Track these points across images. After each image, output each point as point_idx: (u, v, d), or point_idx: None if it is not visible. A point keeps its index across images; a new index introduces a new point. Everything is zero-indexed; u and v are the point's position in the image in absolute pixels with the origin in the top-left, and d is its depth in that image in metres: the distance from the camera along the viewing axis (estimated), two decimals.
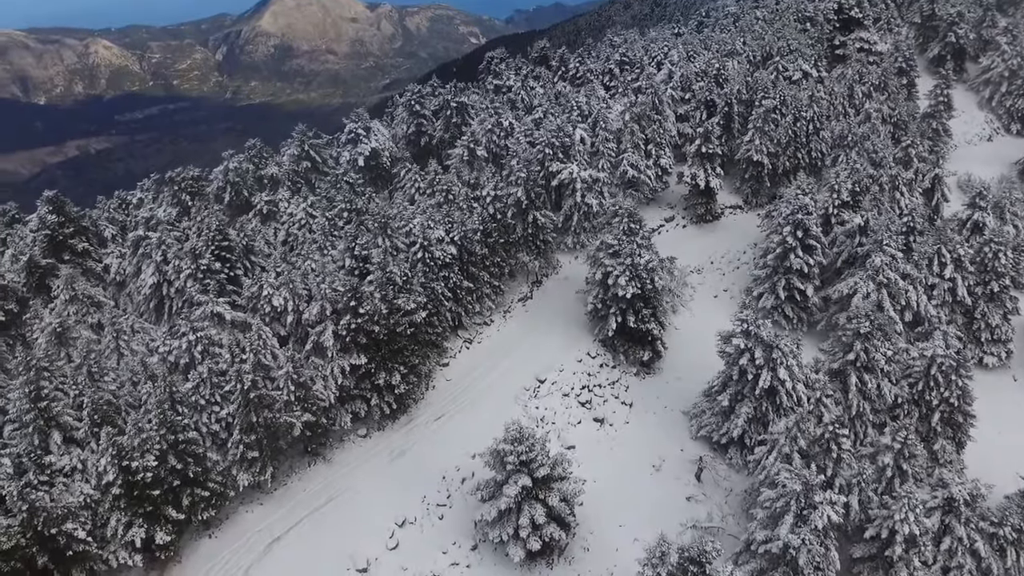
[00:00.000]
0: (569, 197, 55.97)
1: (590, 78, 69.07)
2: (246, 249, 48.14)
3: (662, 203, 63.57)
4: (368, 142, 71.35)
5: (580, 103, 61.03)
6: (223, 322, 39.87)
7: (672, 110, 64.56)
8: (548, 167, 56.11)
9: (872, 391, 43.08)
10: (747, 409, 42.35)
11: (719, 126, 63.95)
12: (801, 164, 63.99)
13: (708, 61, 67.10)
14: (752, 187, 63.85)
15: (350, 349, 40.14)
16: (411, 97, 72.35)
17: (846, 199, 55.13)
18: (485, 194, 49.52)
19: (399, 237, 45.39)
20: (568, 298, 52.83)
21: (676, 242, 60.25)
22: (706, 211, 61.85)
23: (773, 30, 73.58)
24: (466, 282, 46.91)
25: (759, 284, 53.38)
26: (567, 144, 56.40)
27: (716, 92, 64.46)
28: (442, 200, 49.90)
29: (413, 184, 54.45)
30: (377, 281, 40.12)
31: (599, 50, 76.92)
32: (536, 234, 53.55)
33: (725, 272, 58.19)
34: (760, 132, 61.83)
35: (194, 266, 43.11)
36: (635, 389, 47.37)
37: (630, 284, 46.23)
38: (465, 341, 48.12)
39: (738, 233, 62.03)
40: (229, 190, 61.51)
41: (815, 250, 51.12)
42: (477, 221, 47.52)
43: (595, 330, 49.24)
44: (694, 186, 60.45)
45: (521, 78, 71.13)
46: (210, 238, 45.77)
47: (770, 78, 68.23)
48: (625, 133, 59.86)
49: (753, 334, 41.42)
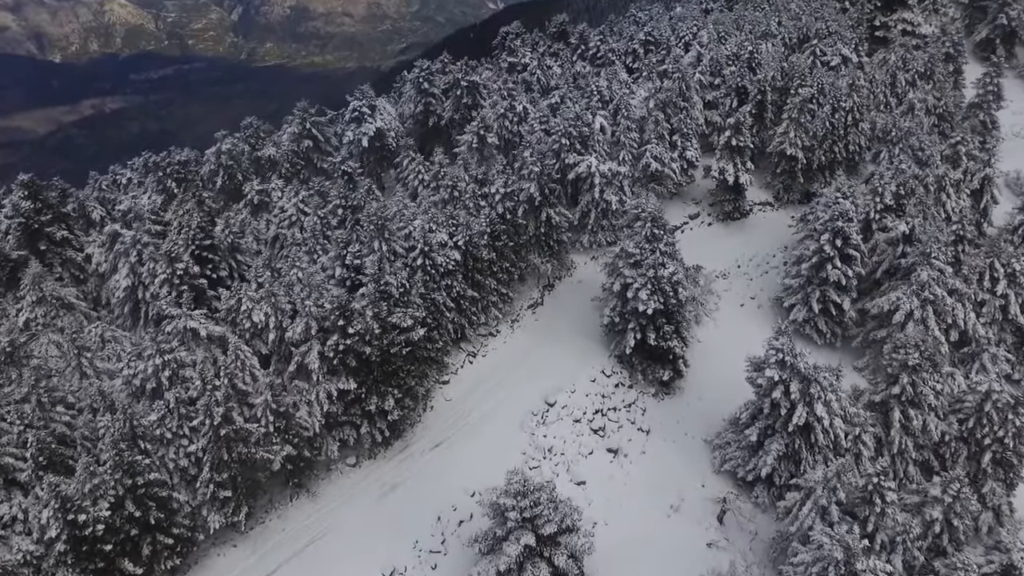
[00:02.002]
0: (586, 192, 50.43)
1: (612, 58, 62.90)
2: (232, 248, 43.12)
3: (686, 198, 57.88)
4: (373, 121, 65.67)
5: (601, 88, 55.08)
6: (198, 338, 35.15)
7: (700, 96, 58.47)
8: (564, 159, 50.50)
9: (917, 427, 38.06)
10: (778, 446, 37.36)
11: (751, 116, 57.95)
12: (838, 159, 57.98)
13: (740, 43, 60.71)
14: (784, 183, 57.97)
15: (338, 371, 35.28)
16: (419, 74, 66.38)
17: (889, 203, 49.33)
18: (494, 191, 44.11)
19: (397, 240, 40.20)
20: (582, 305, 47.63)
21: (700, 242, 54.76)
22: (734, 208, 56.16)
23: (811, 9, 66.86)
24: (471, 291, 41.80)
25: (790, 294, 48.14)
26: (585, 134, 50.66)
27: (748, 78, 58.24)
28: (447, 197, 44.53)
29: (416, 176, 49.05)
30: (369, 296, 35.06)
31: (621, 26, 70.49)
32: (549, 234, 48.23)
33: (753, 277, 52.73)
34: (795, 123, 55.78)
35: (169, 271, 38.17)
36: (653, 412, 42.42)
37: (652, 298, 41.04)
38: (468, 355, 43.16)
39: (767, 233, 56.39)
40: (222, 174, 56.33)
41: (855, 260, 45.75)
42: (484, 223, 42.21)
43: (611, 345, 44.17)
44: (722, 181, 54.69)
45: (538, 56, 64.96)
46: (190, 237, 40.75)
47: (807, 63, 61.89)
48: (649, 122, 53.96)
49: (789, 365, 36.29)
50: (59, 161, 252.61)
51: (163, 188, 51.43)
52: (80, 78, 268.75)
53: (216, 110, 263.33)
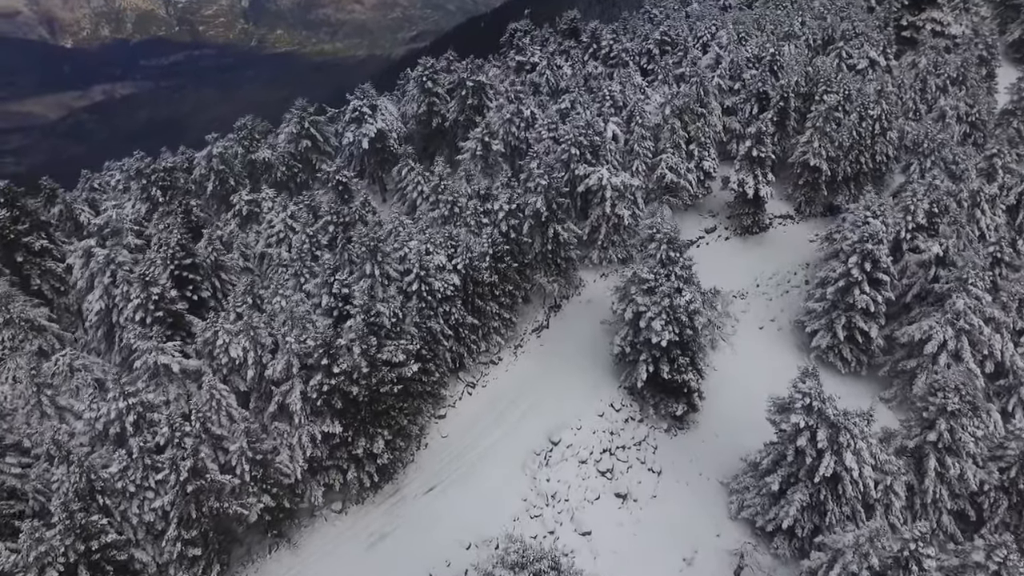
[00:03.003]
0: (597, 206, 46.54)
1: (625, 59, 58.72)
2: (215, 266, 39.52)
3: (702, 210, 53.89)
4: (374, 122, 61.86)
5: (613, 92, 51.01)
6: (170, 374, 31.69)
7: (718, 102, 54.30)
8: (574, 170, 46.60)
9: (953, 475, 34.34)
10: (802, 496, 33.66)
11: (772, 123, 53.76)
12: (863, 170, 53.87)
13: (761, 45, 56.39)
14: (806, 195, 53.90)
15: (323, 412, 31.75)
16: (423, 72, 62.29)
17: (921, 221, 45.30)
18: (497, 208, 40.26)
19: (391, 263, 36.51)
20: (591, 329, 43.97)
21: (717, 257, 50.83)
22: (753, 223, 52.16)
23: (836, 8, 62.39)
24: (470, 318, 38.12)
25: (813, 319, 44.28)
26: (597, 144, 46.68)
27: (770, 83, 54.00)
28: (446, 213, 40.77)
29: (415, 187, 45.25)
30: (357, 331, 31.40)
31: (635, 24, 66.17)
32: (557, 251, 44.44)
33: (772, 297, 48.83)
34: (820, 133, 51.62)
35: (143, 295, 34.62)
36: (665, 450, 38.76)
37: (666, 329, 37.30)
38: (467, 385, 39.52)
39: (788, 248, 52.40)
40: (213, 178, 52.61)
41: (884, 285, 41.86)
42: (486, 243, 38.42)
43: (621, 376, 40.49)
44: (741, 194, 50.69)
45: (547, 55, 60.82)
46: (169, 256, 37.16)
47: (833, 65, 57.60)
48: (664, 130, 49.92)
49: (817, 410, 32.54)
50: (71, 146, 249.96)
51: (147, 196, 47.78)
52: (91, 63, 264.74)
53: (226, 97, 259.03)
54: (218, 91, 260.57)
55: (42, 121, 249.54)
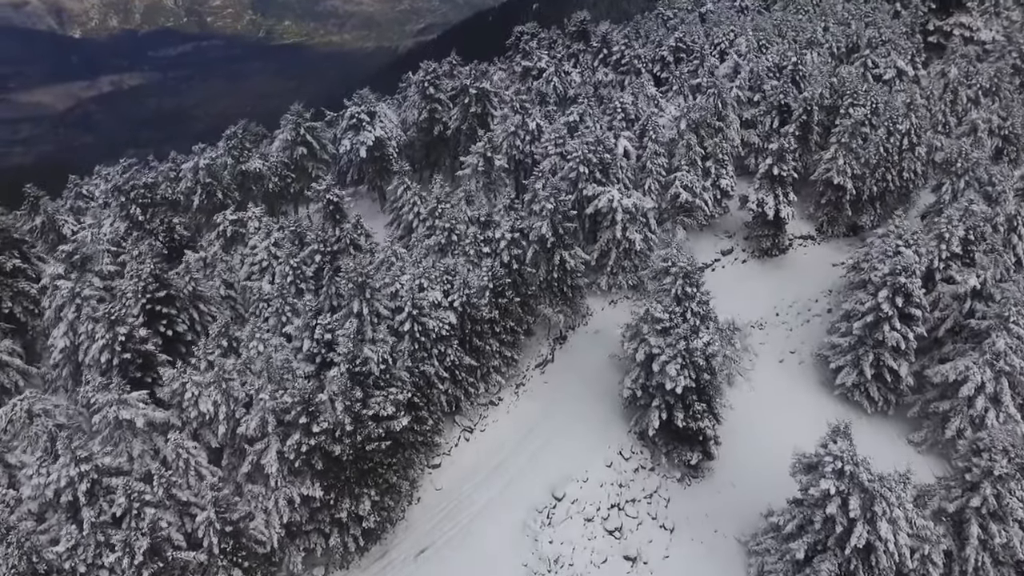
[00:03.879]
0: (607, 229, 42.65)
1: (638, 66, 54.61)
2: (193, 296, 35.83)
3: (718, 230, 49.90)
4: (372, 130, 58.00)
5: (625, 104, 46.97)
6: (134, 428, 28.17)
7: (737, 114, 50.18)
8: (582, 190, 42.73)
9: (998, 544, 30.60)
10: (830, 566, 29.82)
11: (794, 138, 49.69)
12: (890, 188, 49.77)
13: (783, 53, 52.20)
14: (829, 214, 49.88)
15: (302, 473, 28.16)
16: (424, 77, 58.33)
17: (956, 250, 41.29)
18: (499, 236, 36.40)
19: (382, 300, 32.75)
20: (598, 363, 40.13)
21: (734, 282, 46.92)
22: (773, 244, 48.21)
23: (861, 14, 58.02)
24: (468, 359, 34.36)
25: (838, 354, 40.45)
26: (607, 162, 42.77)
27: (792, 94, 49.86)
28: (444, 241, 36.95)
29: (411, 208, 41.39)
30: (340, 386, 27.72)
31: (648, 29, 61.89)
32: (563, 279, 40.64)
33: (793, 327, 44.98)
34: (845, 149, 47.53)
35: (109, 336, 31.00)
36: (678, 503, 35.06)
37: (682, 374, 33.55)
38: (464, 430, 35.83)
39: (809, 272, 48.44)
40: (200, 192, 48.85)
41: (916, 320, 37.98)
42: (486, 276, 34.59)
43: (631, 419, 36.77)
44: (760, 215, 46.71)
45: (555, 61, 56.72)
46: (141, 288, 33.48)
47: (858, 75, 53.31)
48: (680, 146, 45.90)
49: (850, 475, 28.77)
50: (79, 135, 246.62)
51: (126, 214, 44.07)
52: (99, 54, 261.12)
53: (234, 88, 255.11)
54: (226, 82, 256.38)
55: (50, 111, 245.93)
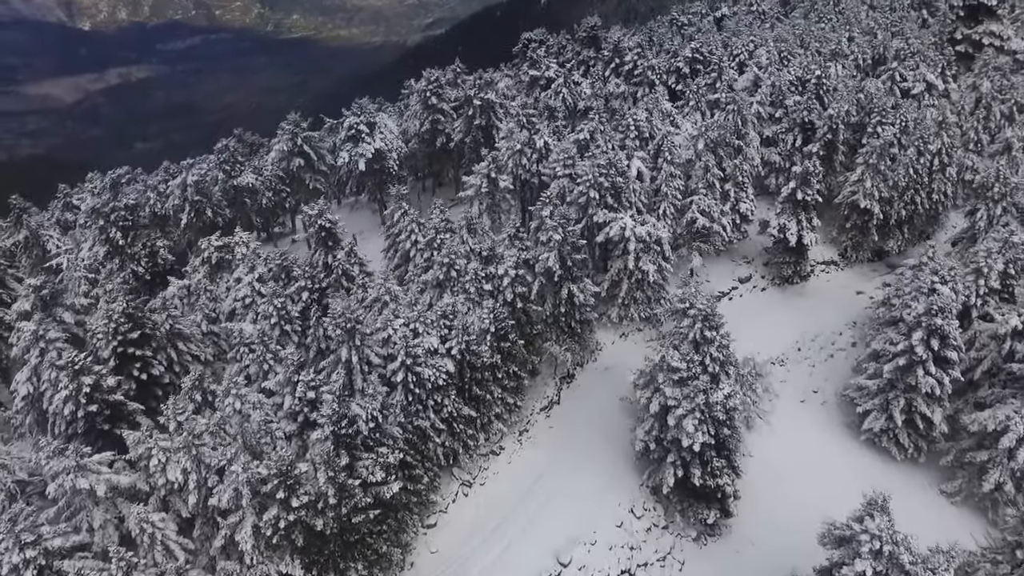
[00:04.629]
0: (618, 259, 39.16)
1: (651, 78, 50.91)
2: (172, 334, 32.57)
3: (736, 255, 46.34)
4: (371, 141, 54.67)
5: (639, 121, 43.34)
6: (95, 497, 25.01)
7: (757, 131, 46.53)
8: (592, 216, 39.25)
9: None
10: None
11: (818, 158, 46.03)
12: (919, 210, 46.13)
13: (806, 66, 48.39)
14: (853, 239, 46.25)
15: (281, 548, 24.93)
16: (427, 86, 54.89)
17: (995, 284, 37.68)
18: (502, 272, 32.95)
19: (373, 347, 29.44)
20: (608, 405, 36.78)
21: (752, 312, 43.41)
22: (794, 272, 44.65)
23: (887, 23, 54.07)
24: (467, 409, 30.99)
25: (865, 397, 36.97)
26: (619, 186, 39.24)
27: (816, 111, 46.14)
28: (442, 277, 33.54)
29: (409, 236, 37.97)
30: (323, 455, 24.44)
31: (662, 36, 58.02)
32: (571, 313, 37.21)
33: (815, 363, 41.48)
34: (873, 171, 43.87)
35: (74, 386, 27.82)
36: (694, 566, 31.70)
37: (700, 429, 30.16)
38: (463, 484, 32.47)
39: (832, 301, 44.84)
40: (188, 210, 45.60)
41: (952, 364, 34.48)
42: (488, 318, 31.17)
43: (644, 473, 33.40)
44: (781, 240, 43.17)
45: (564, 71, 53.01)
46: (112, 331, 30.21)
47: (885, 89, 49.53)
48: (697, 167, 42.29)
49: (888, 555, 25.38)
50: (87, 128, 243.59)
51: (106, 238, 40.80)
52: (108, 46, 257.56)
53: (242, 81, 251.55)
54: (233, 76, 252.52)
55: (58, 104, 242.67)
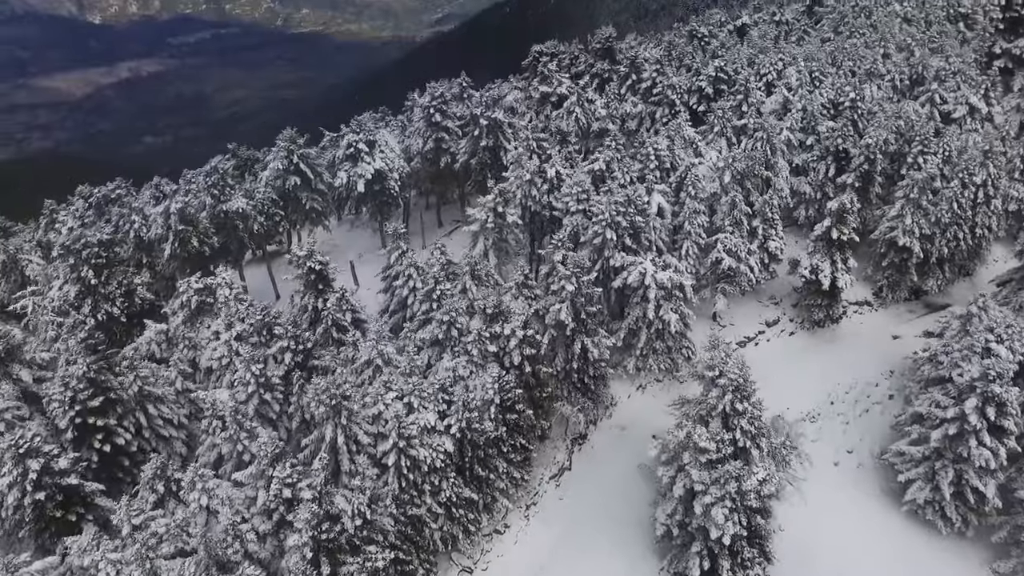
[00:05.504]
0: (636, 306, 34.96)
1: (671, 97, 46.46)
2: (141, 396, 28.63)
3: (762, 295, 42.05)
4: (371, 161, 50.49)
5: (660, 150, 38.99)
6: None
7: (786, 160, 42.16)
8: (608, 258, 35.07)
9: None
10: None
11: (853, 189, 41.69)
12: (962, 246, 41.74)
13: (839, 88, 43.88)
14: (890, 278, 41.85)
15: None
16: (431, 102, 50.62)
17: None
18: (508, 333, 28.86)
19: (361, 424, 25.43)
20: (624, 471, 32.71)
21: (780, 360, 39.18)
22: (826, 316, 40.40)
23: (925, 39, 49.41)
24: (468, 491, 27.01)
25: (907, 464, 32.91)
26: (639, 225, 35.04)
27: (851, 139, 41.70)
28: (441, 336, 29.45)
29: (407, 282, 33.83)
30: (299, 568, 20.49)
31: (681, 49, 53.46)
32: (584, 368, 33.14)
33: (850, 419, 37.27)
34: (913, 206, 39.46)
35: (19, 471, 23.96)
36: None
37: (731, 519, 26.13)
38: (463, 570, 28.51)
39: (866, 347, 40.51)
40: (172, 239, 41.61)
41: (1008, 434, 30.29)
42: (492, 387, 27.11)
43: (665, 557, 29.40)
44: (813, 282, 38.90)
45: (577, 88, 48.65)
46: (69, 400, 26.29)
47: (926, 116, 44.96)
48: (723, 202, 38.01)
49: None
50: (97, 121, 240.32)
51: (78, 277, 36.84)
52: (118, 40, 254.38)
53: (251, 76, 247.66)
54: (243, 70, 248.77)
55: (68, 97, 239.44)
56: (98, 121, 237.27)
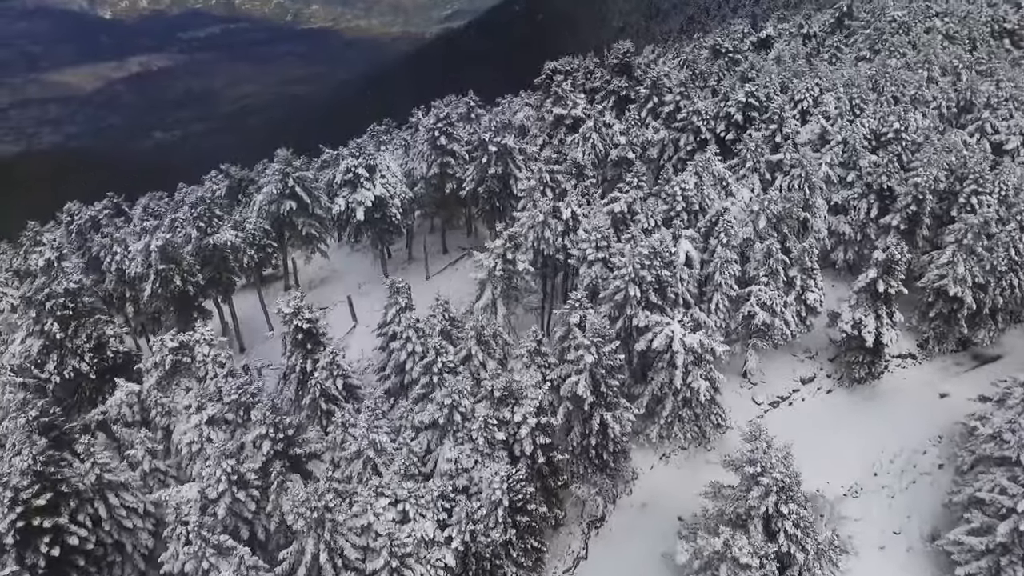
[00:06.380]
0: (662, 371, 30.57)
1: (697, 124, 41.85)
2: (100, 484, 24.52)
3: (797, 348, 37.58)
4: (371, 187, 46.21)
5: (687, 190, 34.45)
6: None
7: (824, 197, 37.61)
8: (631, 317, 30.71)
9: None
10: None
11: (897, 231, 37.17)
12: (1016, 294, 37.17)
13: (882, 118, 39.20)
14: (937, 329, 37.29)
15: None
16: (435, 124, 46.12)
17: None
18: (519, 419, 24.57)
19: (348, 536, 21.25)
20: (647, 559, 28.49)
21: (818, 424, 34.83)
22: (868, 373, 35.95)
23: (973, 60, 44.54)
24: None
25: (966, 554, 28.53)
26: (665, 280, 30.64)
27: (897, 175, 37.12)
28: (443, 421, 25.17)
29: (405, 343, 29.50)
30: None
31: (704, 66, 48.71)
32: (603, 444, 28.86)
33: (895, 493, 32.96)
34: (966, 252, 34.91)
35: None
36: None
37: None
38: None
39: (911, 405, 36.09)
40: (153, 278, 37.45)
41: None
42: (500, 489, 22.88)
43: None
44: (856, 338, 34.44)
45: (595, 112, 44.03)
46: (8, 502, 22.16)
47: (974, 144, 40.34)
48: (758, 251, 33.53)
49: None
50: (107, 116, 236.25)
51: (41, 331, 32.66)
52: (128, 35, 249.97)
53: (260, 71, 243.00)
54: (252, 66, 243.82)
55: (78, 92, 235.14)
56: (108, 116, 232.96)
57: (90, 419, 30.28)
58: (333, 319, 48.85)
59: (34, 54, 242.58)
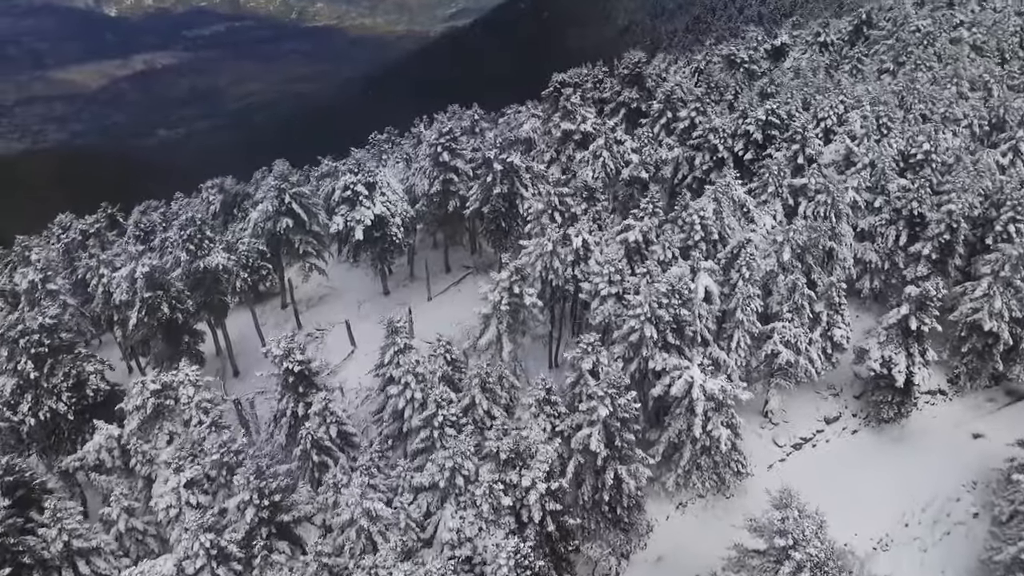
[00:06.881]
0: (680, 418, 28.06)
1: (714, 142, 39.27)
2: (68, 552, 22.13)
3: (820, 386, 34.98)
4: (371, 205, 43.70)
5: (706, 219, 31.87)
6: None
7: (851, 224, 34.97)
8: (647, 359, 28.20)
9: None
10: None
11: (928, 261, 34.56)
12: None
13: (911, 138, 36.53)
14: (969, 364, 34.67)
15: None
16: (438, 139, 43.56)
17: None
18: (528, 483, 22.11)
19: None
20: None
21: (843, 468, 32.36)
22: (897, 413, 33.37)
23: (1004, 74, 41.74)
24: None
25: None
26: (683, 319, 28.13)
27: (928, 201, 34.48)
28: (443, 484, 22.71)
29: (404, 389, 27.00)
30: None
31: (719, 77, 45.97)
32: (617, 498, 26.41)
33: (928, 546, 30.51)
34: (1003, 284, 32.30)
35: None
36: None
37: None
38: None
39: (942, 447, 33.59)
40: (139, 306, 35.04)
41: None
42: (507, 565, 20.44)
43: None
44: (884, 376, 31.88)
45: (607, 128, 41.43)
46: None
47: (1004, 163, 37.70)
48: (780, 284, 31.00)
49: None
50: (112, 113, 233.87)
51: (15, 369, 30.26)
52: (133, 32, 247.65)
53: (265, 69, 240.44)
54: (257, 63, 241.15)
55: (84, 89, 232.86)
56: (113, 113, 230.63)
57: (67, 465, 27.92)
58: (331, 342, 46.42)
59: (40, 51, 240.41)
